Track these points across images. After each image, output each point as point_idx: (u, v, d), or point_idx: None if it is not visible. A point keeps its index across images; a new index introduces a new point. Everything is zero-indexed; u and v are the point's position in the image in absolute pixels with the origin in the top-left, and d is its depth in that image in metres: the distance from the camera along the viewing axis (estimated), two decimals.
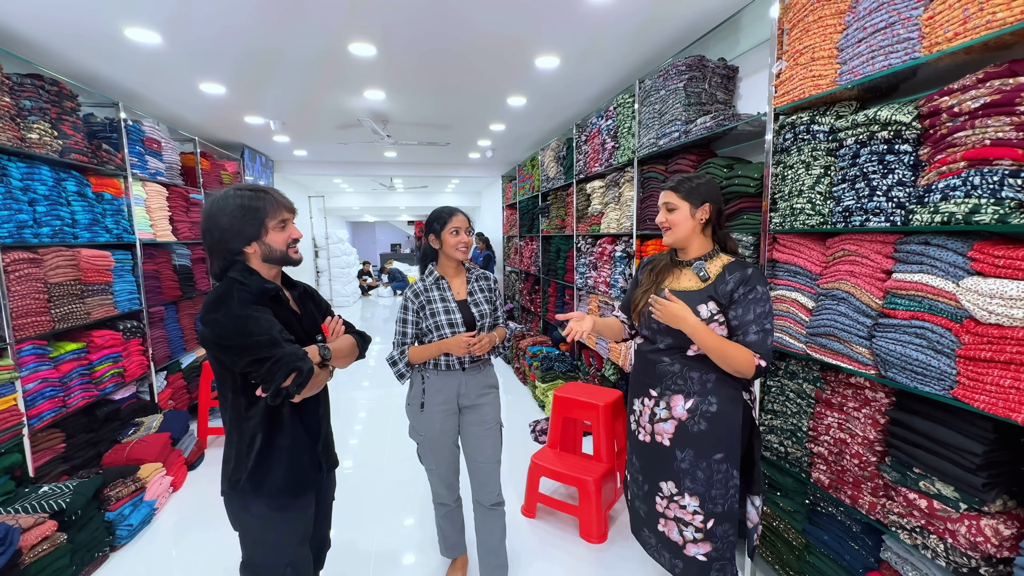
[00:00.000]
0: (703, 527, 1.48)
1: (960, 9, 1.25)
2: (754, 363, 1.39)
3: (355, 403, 4.44)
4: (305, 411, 1.39)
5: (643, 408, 1.58)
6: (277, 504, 1.34)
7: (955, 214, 1.23)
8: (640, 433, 1.60)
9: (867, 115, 1.46)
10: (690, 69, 2.43)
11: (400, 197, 12.50)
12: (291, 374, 1.19)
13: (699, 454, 1.47)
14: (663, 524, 1.57)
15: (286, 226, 1.35)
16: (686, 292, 1.50)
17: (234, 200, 1.28)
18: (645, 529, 1.65)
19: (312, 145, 5.93)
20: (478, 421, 1.91)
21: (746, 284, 1.42)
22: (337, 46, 2.77)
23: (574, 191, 4.01)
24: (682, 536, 1.52)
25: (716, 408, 1.45)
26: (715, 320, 1.44)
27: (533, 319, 5.75)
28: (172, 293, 3.78)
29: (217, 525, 2.52)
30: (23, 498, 2.06)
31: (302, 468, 1.38)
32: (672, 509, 1.53)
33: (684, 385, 1.48)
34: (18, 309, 2.31)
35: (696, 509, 1.48)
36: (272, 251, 1.33)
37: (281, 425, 1.32)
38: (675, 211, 1.51)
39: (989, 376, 1.18)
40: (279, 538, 1.36)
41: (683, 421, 1.48)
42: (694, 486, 1.48)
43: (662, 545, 1.59)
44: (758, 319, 1.41)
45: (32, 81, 2.47)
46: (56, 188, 2.61)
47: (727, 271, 1.46)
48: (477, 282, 1.93)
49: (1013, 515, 1.25)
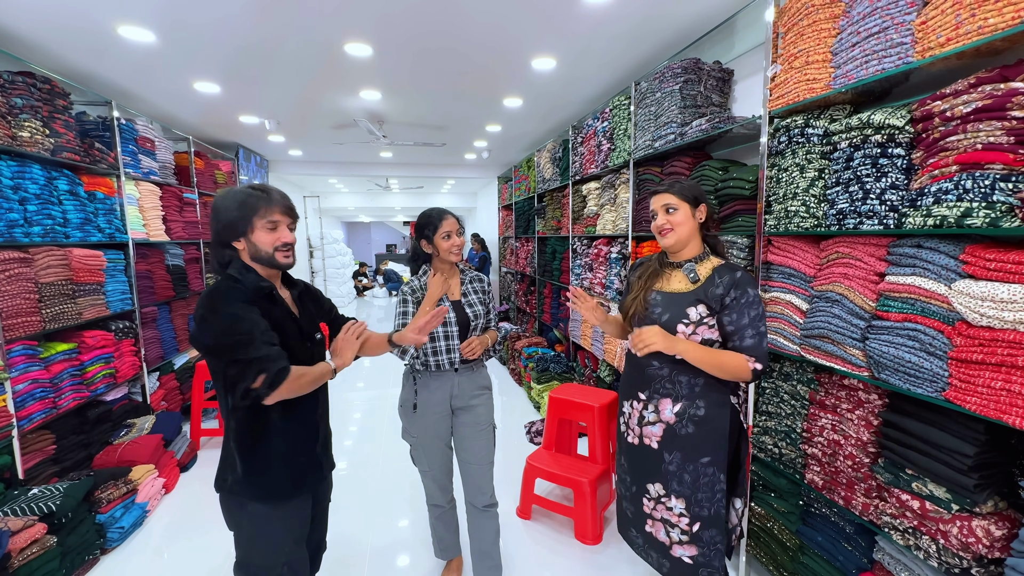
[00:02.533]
0: (688, 530, 1.49)
1: (952, 15, 1.26)
2: (749, 368, 1.40)
3: (350, 404, 4.42)
4: (302, 410, 1.37)
5: (632, 411, 1.59)
6: (273, 503, 1.33)
7: (947, 217, 1.24)
8: (629, 435, 1.61)
9: (861, 119, 1.47)
10: (686, 72, 2.44)
11: (396, 198, 12.48)
12: (260, 375, 1.17)
13: (686, 457, 1.48)
14: (650, 525, 1.58)
15: (276, 227, 1.30)
16: (676, 294, 1.50)
17: (235, 195, 1.29)
18: (632, 529, 1.66)
19: (307, 145, 5.90)
20: (471, 422, 1.91)
21: (737, 288, 1.42)
22: (333, 46, 2.76)
23: (570, 192, 4.02)
24: (669, 537, 1.53)
25: (704, 412, 1.46)
26: (704, 323, 1.44)
27: (529, 320, 5.75)
28: (165, 293, 3.75)
29: (210, 527, 2.50)
30: (12, 500, 2.03)
31: (299, 468, 1.37)
32: (659, 511, 1.55)
33: (672, 389, 1.49)
34: (8, 309, 2.28)
35: (682, 511, 1.49)
36: (258, 251, 1.30)
37: (274, 424, 1.31)
38: (676, 212, 1.51)
39: (981, 378, 1.19)
40: (276, 538, 1.35)
41: (671, 424, 1.49)
42: (680, 488, 1.49)
43: (649, 545, 1.60)
44: (752, 323, 1.41)
45: (24, 79, 2.45)
46: (47, 187, 2.58)
47: (717, 274, 1.47)
48: (471, 283, 1.95)
49: (1004, 516, 1.26)
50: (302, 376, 1.27)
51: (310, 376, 1.31)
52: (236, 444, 1.30)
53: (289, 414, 1.34)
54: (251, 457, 1.30)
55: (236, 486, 1.30)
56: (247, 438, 1.30)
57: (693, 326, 1.44)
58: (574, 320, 4.01)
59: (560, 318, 4.48)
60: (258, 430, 1.30)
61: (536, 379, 4.08)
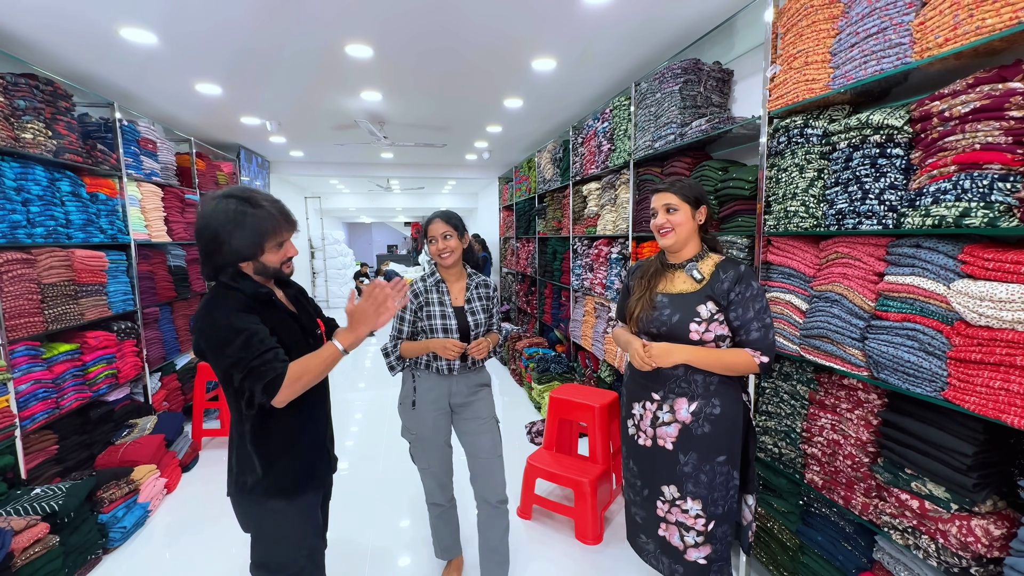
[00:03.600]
0: (704, 530, 1.48)
1: (951, 15, 1.26)
2: (755, 362, 1.41)
3: (351, 404, 4.43)
4: (312, 403, 1.37)
5: (644, 412, 1.57)
6: (291, 497, 1.33)
7: (946, 217, 1.24)
8: (640, 437, 1.58)
9: (860, 119, 1.47)
10: (686, 72, 2.44)
11: (396, 198, 12.49)
12: (258, 384, 1.16)
13: (702, 457, 1.47)
14: (664, 528, 1.55)
15: (283, 246, 1.30)
16: (683, 294, 1.50)
17: (235, 213, 1.21)
18: (642, 535, 1.63)
19: (308, 146, 5.92)
20: (472, 417, 1.92)
21: (741, 282, 1.44)
22: (334, 47, 2.77)
23: (570, 193, 4.02)
24: (683, 541, 1.51)
25: (720, 410, 1.46)
26: (715, 319, 1.45)
27: (529, 320, 5.75)
28: (167, 294, 3.76)
29: (212, 527, 2.51)
30: (15, 500, 2.05)
31: (313, 460, 1.38)
32: (674, 513, 1.52)
33: (688, 388, 1.48)
34: (11, 310, 2.29)
35: (699, 512, 1.48)
36: (265, 268, 1.29)
37: (287, 422, 1.31)
38: (677, 212, 1.51)
39: (979, 377, 1.19)
40: (298, 530, 1.36)
41: (687, 424, 1.48)
42: (697, 489, 1.48)
43: (661, 551, 1.57)
44: (758, 315, 1.43)
45: (27, 81, 2.46)
46: (50, 188, 2.59)
47: (720, 269, 1.48)
48: (477, 289, 1.94)
49: (1003, 515, 1.26)
50: (306, 370, 1.21)
51: (316, 364, 1.23)
52: (254, 447, 1.29)
53: (300, 409, 1.33)
54: (270, 456, 1.29)
55: (257, 487, 1.29)
56: (263, 439, 1.29)
57: (705, 323, 1.44)
58: (574, 320, 4.02)
59: (561, 318, 4.48)
60: (273, 429, 1.30)
61: (537, 379, 4.09)
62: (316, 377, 1.24)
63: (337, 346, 1.25)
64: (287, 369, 1.19)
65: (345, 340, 1.26)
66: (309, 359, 1.23)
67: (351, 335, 1.27)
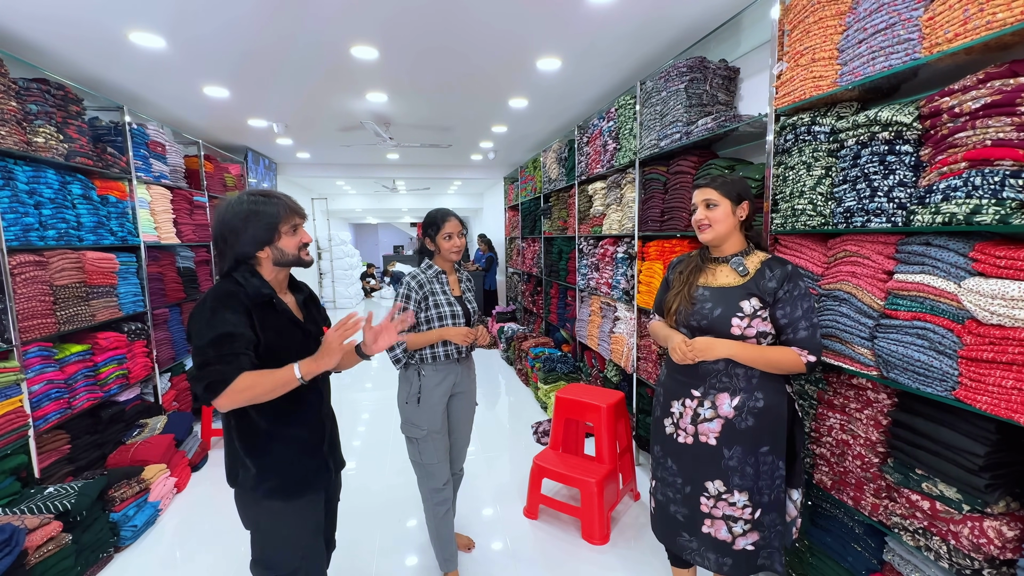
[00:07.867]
0: (751, 518, 1.47)
1: (960, 10, 1.25)
2: (802, 361, 1.41)
3: (358, 404, 4.45)
4: (301, 414, 1.38)
5: (684, 410, 1.54)
6: (286, 499, 1.35)
7: (956, 215, 1.23)
8: (680, 436, 1.55)
9: (868, 116, 1.46)
10: (691, 70, 2.43)
11: (402, 199, 12.53)
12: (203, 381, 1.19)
13: (747, 450, 1.46)
14: (709, 524, 1.52)
15: (297, 230, 1.38)
16: (726, 288, 1.49)
17: (247, 206, 1.31)
18: (685, 534, 1.58)
19: (315, 148, 5.95)
20: (468, 401, 2.09)
21: (790, 281, 1.43)
22: (339, 49, 2.79)
23: (576, 192, 4.01)
24: (731, 533, 1.49)
25: (763, 403, 1.45)
26: (758, 316, 1.44)
27: (535, 320, 5.75)
28: (176, 295, 3.80)
29: (221, 526, 2.53)
30: (29, 499, 2.08)
31: (306, 469, 1.38)
32: (720, 508, 1.50)
33: (729, 383, 1.47)
34: (24, 311, 2.33)
35: (745, 503, 1.47)
36: (284, 255, 1.36)
37: (267, 430, 1.32)
38: (716, 208, 1.51)
39: (991, 377, 1.17)
40: (292, 532, 1.37)
41: (730, 419, 1.46)
42: (743, 482, 1.46)
43: (707, 547, 1.54)
44: (806, 314, 1.42)
45: (38, 85, 2.50)
46: (62, 191, 2.63)
47: (767, 267, 1.47)
48: (466, 282, 2.13)
49: (1016, 516, 1.24)
50: (255, 384, 1.20)
51: (267, 382, 1.22)
52: (239, 443, 1.32)
53: (284, 419, 1.34)
54: (256, 454, 1.32)
55: (249, 482, 1.32)
56: (246, 436, 1.32)
57: (748, 319, 1.43)
58: (580, 320, 4.01)
59: (566, 318, 4.47)
60: (255, 433, 1.32)
61: (543, 379, 4.08)
62: (264, 394, 1.22)
63: (295, 372, 1.24)
64: (235, 377, 1.19)
65: (304, 368, 1.25)
66: (263, 375, 1.22)
67: (313, 364, 1.26)
